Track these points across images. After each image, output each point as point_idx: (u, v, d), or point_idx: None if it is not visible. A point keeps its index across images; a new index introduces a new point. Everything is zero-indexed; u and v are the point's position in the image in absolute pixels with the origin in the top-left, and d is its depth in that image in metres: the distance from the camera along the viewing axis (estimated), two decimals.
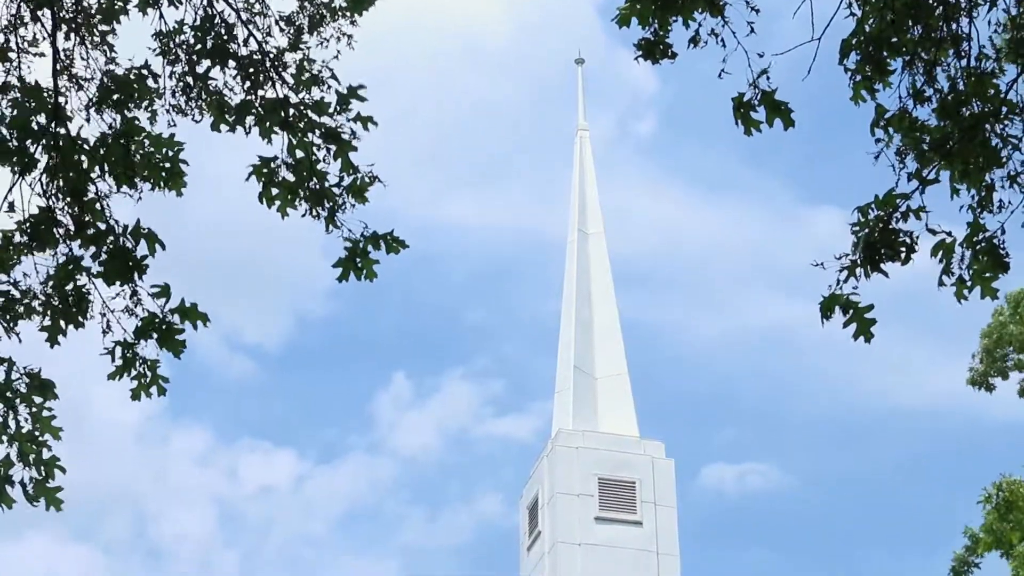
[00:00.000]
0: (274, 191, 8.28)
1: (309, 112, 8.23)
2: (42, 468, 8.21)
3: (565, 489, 23.53)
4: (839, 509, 59.59)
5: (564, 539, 23.17)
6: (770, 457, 59.85)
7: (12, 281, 7.90)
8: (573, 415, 24.65)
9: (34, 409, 8.15)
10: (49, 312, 7.96)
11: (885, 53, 7.41)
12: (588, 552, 23.04)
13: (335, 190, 8.28)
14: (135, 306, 7.93)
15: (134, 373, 8.06)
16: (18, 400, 8.09)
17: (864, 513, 59.04)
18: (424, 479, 65.02)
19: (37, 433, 8.14)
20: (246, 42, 8.18)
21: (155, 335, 7.98)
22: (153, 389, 8.07)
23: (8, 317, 7.85)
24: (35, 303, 7.92)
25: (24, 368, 8.14)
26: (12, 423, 8.11)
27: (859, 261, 7.46)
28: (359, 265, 8.34)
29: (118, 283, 7.86)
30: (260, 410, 66.16)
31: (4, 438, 8.05)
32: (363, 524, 64.50)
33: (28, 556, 66.07)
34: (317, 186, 8.28)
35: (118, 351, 8.05)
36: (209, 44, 8.10)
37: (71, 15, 8.03)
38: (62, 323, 8.02)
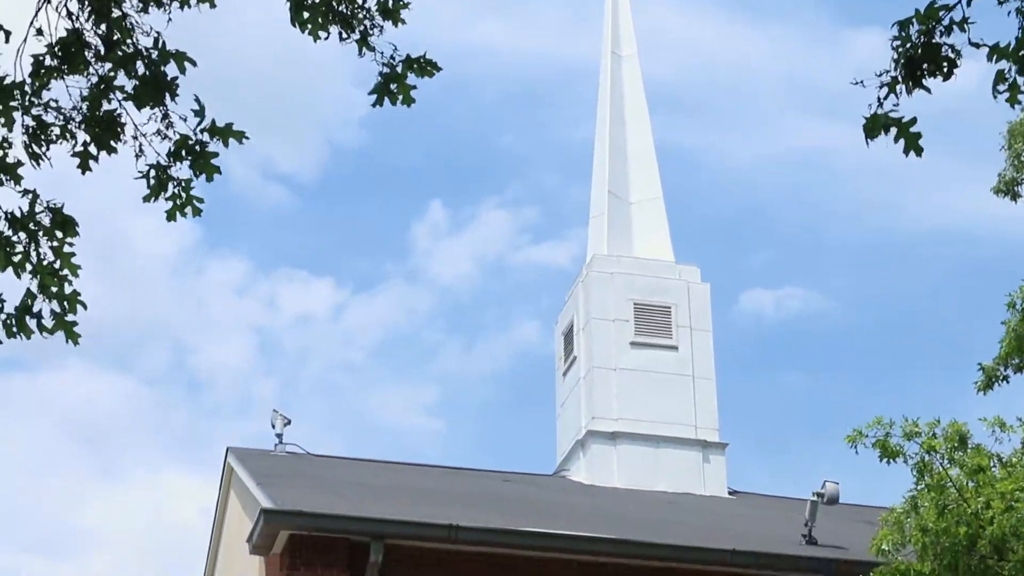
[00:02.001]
0: (305, 14, 8.18)
1: None
2: (63, 302, 8.28)
3: (600, 315, 23.61)
4: (877, 332, 59.69)
5: (599, 364, 23.31)
6: (808, 282, 59.79)
7: (44, 104, 7.86)
8: (608, 241, 24.63)
9: (55, 244, 8.19)
10: (81, 136, 7.94)
11: None
12: (623, 377, 23.19)
13: (366, 10, 8.17)
14: (167, 129, 7.90)
15: (168, 194, 8.06)
16: (41, 233, 8.12)
17: (902, 335, 59.13)
18: (461, 307, 65.42)
19: (57, 267, 8.19)
20: None
21: (189, 157, 7.96)
22: (188, 210, 8.07)
23: (41, 140, 7.82)
24: (69, 125, 7.88)
25: (47, 202, 8.16)
26: (34, 255, 8.15)
27: (900, 77, 7.34)
28: (395, 90, 8.26)
29: (149, 106, 7.82)
30: (297, 240, 66.38)
31: (27, 268, 8.09)
32: (401, 352, 65.07)
33: (69, 385, 67.04)
34: (348, 9, 8.17)
35: (152, 174, 8.04)
36: None
37: None
38: (93, 148, 8.00)
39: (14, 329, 8.22)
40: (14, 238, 8.04)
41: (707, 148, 56.46)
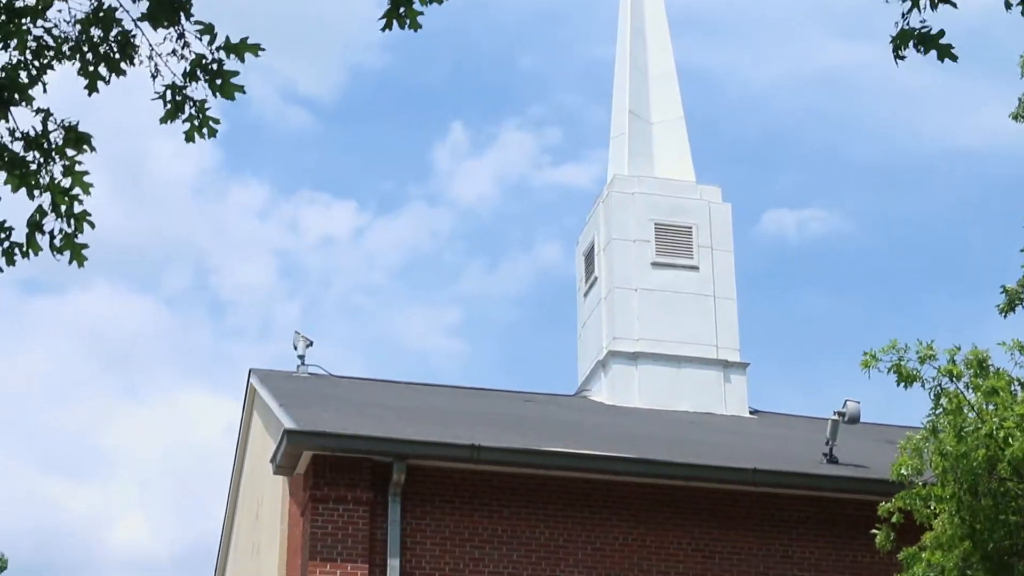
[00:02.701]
0: None
1: None
2: (72, 221, 8.29)
3: (621, 235, 23.58)
4: (899, 253, 59.51)
5: (620, 284, 23.31)
6: (830, 203, 59.56)
7: (45, 27, 7.81)
8: (629, 161, 24.55)
9: (67, 162, 8.18)
10: (84, 58, 7.89)
11: None
12: (644, 297, 23.19)
13: None
14: (183, 49, 7.86)
15: (185, 115, 8.03)
16: (54, 152, 8.10)
17: (924, 256, 58.97)
18: (482, 229, 65.39)
19: (68, 186, 8.18)
20: None
21: (205, 76, 7.91)
22: (205, 131, 8.04)
23: (39, 63, 7.79)
24: (64, 47, 7.84)
25: (61, 120, 8.13)
26: (46, 174, 8.14)
27: None
28: (403, 14, 8.20)
29: (164, 25, 7.76)
30: (318, 162, 66.32)
31: (39, 184, 8.09)
32: (423, 274, 65.14)
33: (93, 307, 67.33)
34: None
35: (168, 95, 8.01)
36: None
37: None
38: (102, 69, 7.96)
39: (24, 248, 8.23)
40: (28, 157, 8.03)
41: (729, 69, 56.09)
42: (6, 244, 8.20)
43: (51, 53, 7.87)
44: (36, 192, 8.12)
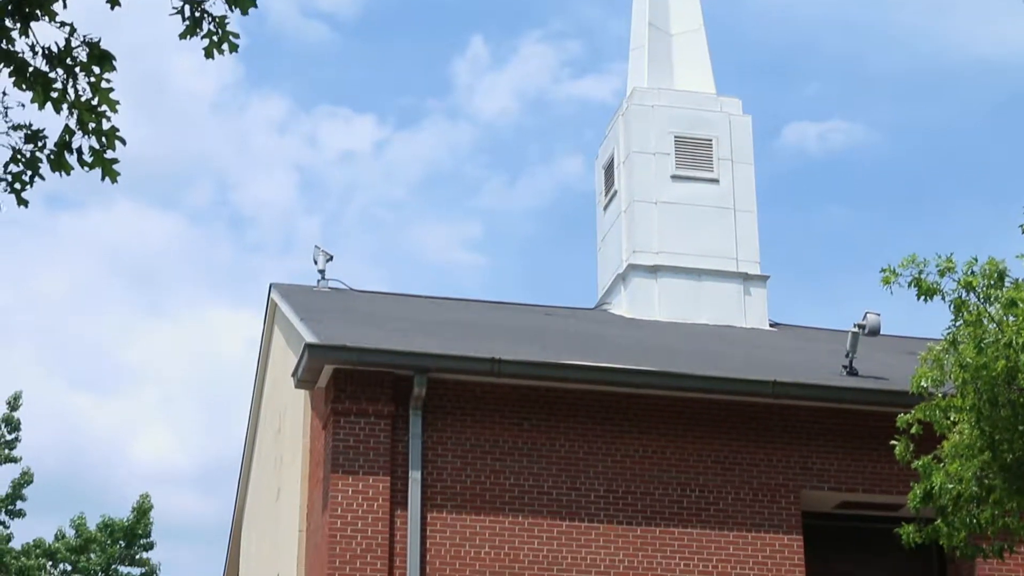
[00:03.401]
0: None
1: None
2: (102, 138, 8.27)
3: (640, 148, 23.48)
4: (924, 165, 59.22)
5: (640, 198, 23.26)
6: (853, 114, 59.21)
7: None
8: (648, 73, 24.40)
9: (92, 79, 8.15)
10: None
11: None
12: (664, 210, 23.14)
13: None
14: None
15: (204, 31, 8.00)
16: (78, 68, 8.07)
17: (947, 167, 58.68)
18: (503, 143, 65.21)
19: (96, 103, 8.15)
20: None
21: None
22: (225, 46, 8.02)
23: None
24: None
25: (84, 36, 8.10)
26: (72, 91, 8.12)
27: None
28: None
29: None
30: (338, 77, 66.07)
31: (65, 105, 8.07)
32: (443, 188, 65.09)
33: (115, 223, 67.48)
34: None
35: (186, 11, 7.97)
36: None
37: None
38: None
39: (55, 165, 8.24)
40: (51, 74, 8.02)
41: None
42: (47, 151, 8.19)
43: None
44: (62, 107, 8.10)
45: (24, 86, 8.10)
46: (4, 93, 8.21)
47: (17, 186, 8.35)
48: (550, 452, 16.90)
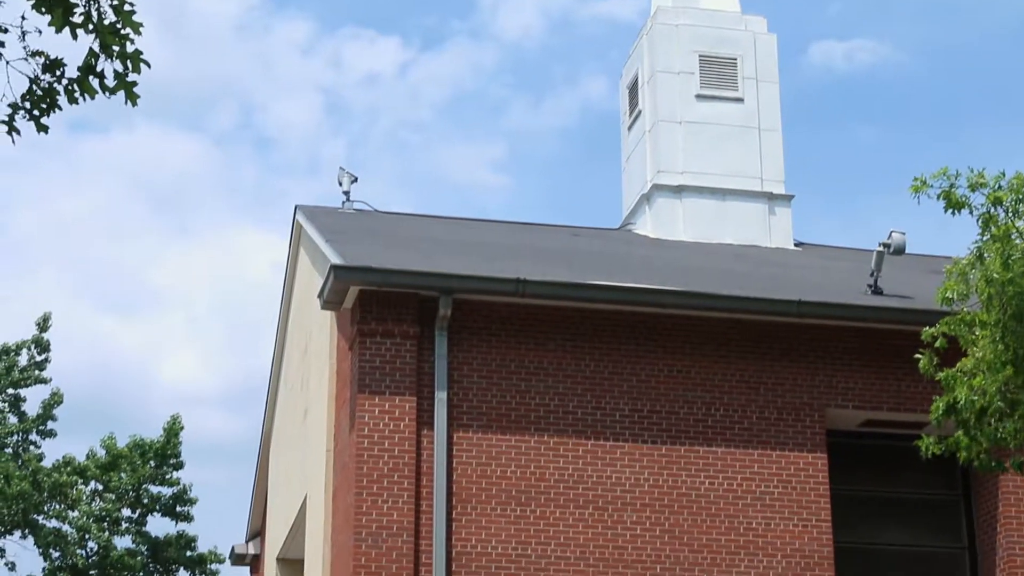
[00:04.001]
0: None
1: None
2: (126, 62, 8.26)
3: (665, 67, 23.36)
4: (951, 84, 58.77)
5: (665, 117, 23.17)
6: (879, 32, 58.69)
7: None
8: None
9: (115, 2, 8.12)
10: None
11: None
12: (689, 129, 23.06)
13: None
14: None
15: None
16: None
17: (976, 86, 58.21)
18: (527, 63, 64.89)
19: (119, 26, 8.13)
20: None
21: None
22: None
23: None
24: None
25: None
26: (95, 14, 8.10)
27: None
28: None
29: None
30: None
31: (89, 20, 8.06)
32: (468, 109, 64.90)
33: (140, 147, 67.47)
34: None
35: None
36: None
37: None
38: None
39: (75, 94, 8.25)
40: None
41: None
42: (64, 82, 8.21)
43: None
44: (81, 31, 8.09)
45: (43, 8, 8.09)
46: (23, 17, 8.21)
47: (36, 113, 8.37)
48: (575, 372, 16.97)
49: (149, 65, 8.23)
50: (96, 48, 8.15)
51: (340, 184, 22.91)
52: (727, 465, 16.99)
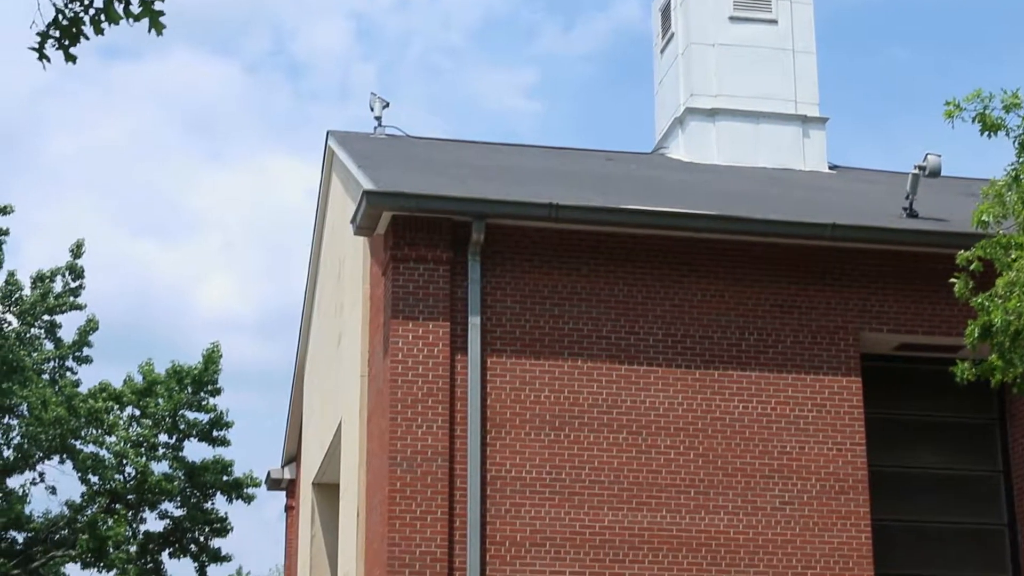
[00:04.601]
0: None
1: None
2: None
3: None
4: (985, 4, 58.08)
5: (697, 40, 22.99)
6: None
7: None
8: None
9: None
10: None
11: None
12: (722, 52, 22.87)
13: None
14: None
15: None
16: None
17: (1012, 7, 57.49)
18: None
19: None
20: None
21: None
22: None
23: None
24: None
25: None
26: None
27: None
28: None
29: None
30: None
31: None
32: (499, 34, 64.53)
33: (174, 73, 67.39)
34: None
35: None
36: None
37: None
38: None
39: (102, 24, 8.21)
40: None
41: None
42: (92, 11, 8.17)
43: None
44: None
45: None
46: None
47: (66, 42, 8.34)
48: (609, 297, 16.96)
49: None
50: None
51: (372, 109, 22.88)
52: (761, 389, 16.99)
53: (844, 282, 17.53)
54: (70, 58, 8.38)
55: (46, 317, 31.78)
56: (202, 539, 32.46)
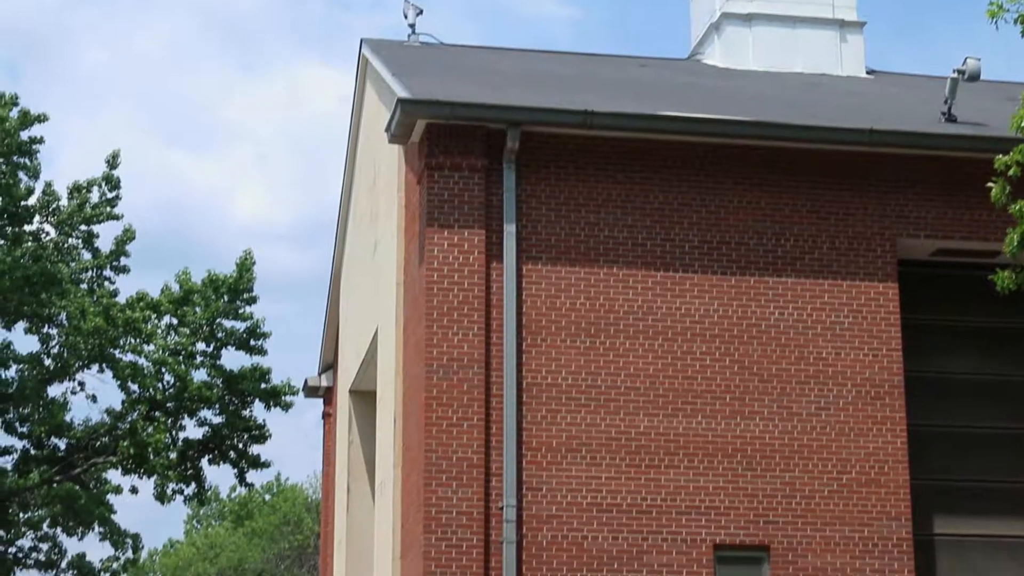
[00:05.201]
0: None
1: None
2: None
3: None
4: None
5: None
6: None
7: None
8: None
9: None
10: None
11: None
12: None
13: None
14: None
15: None
16: None
17: None
18: None
19: None
20: None
21: None
22: None
23: None
24: None
25: None
26: None
27: None
28: None
29: None
30: None
31: None
32: None
33: None
34: None
35: None
36: None
37: None
38: None
39: None
40: None
41: None
42: None
43: None
44: None
45: None
46: None
47: None
48: (644, 204, 16.92)
49: None
50: None
51: (406, 17, 22.77)
52: (797, 295, 16.97)
53: (881, 187, 17.43)
54: None
55: (83, 227, 31.88)
56: (241, 446, 32.73)
